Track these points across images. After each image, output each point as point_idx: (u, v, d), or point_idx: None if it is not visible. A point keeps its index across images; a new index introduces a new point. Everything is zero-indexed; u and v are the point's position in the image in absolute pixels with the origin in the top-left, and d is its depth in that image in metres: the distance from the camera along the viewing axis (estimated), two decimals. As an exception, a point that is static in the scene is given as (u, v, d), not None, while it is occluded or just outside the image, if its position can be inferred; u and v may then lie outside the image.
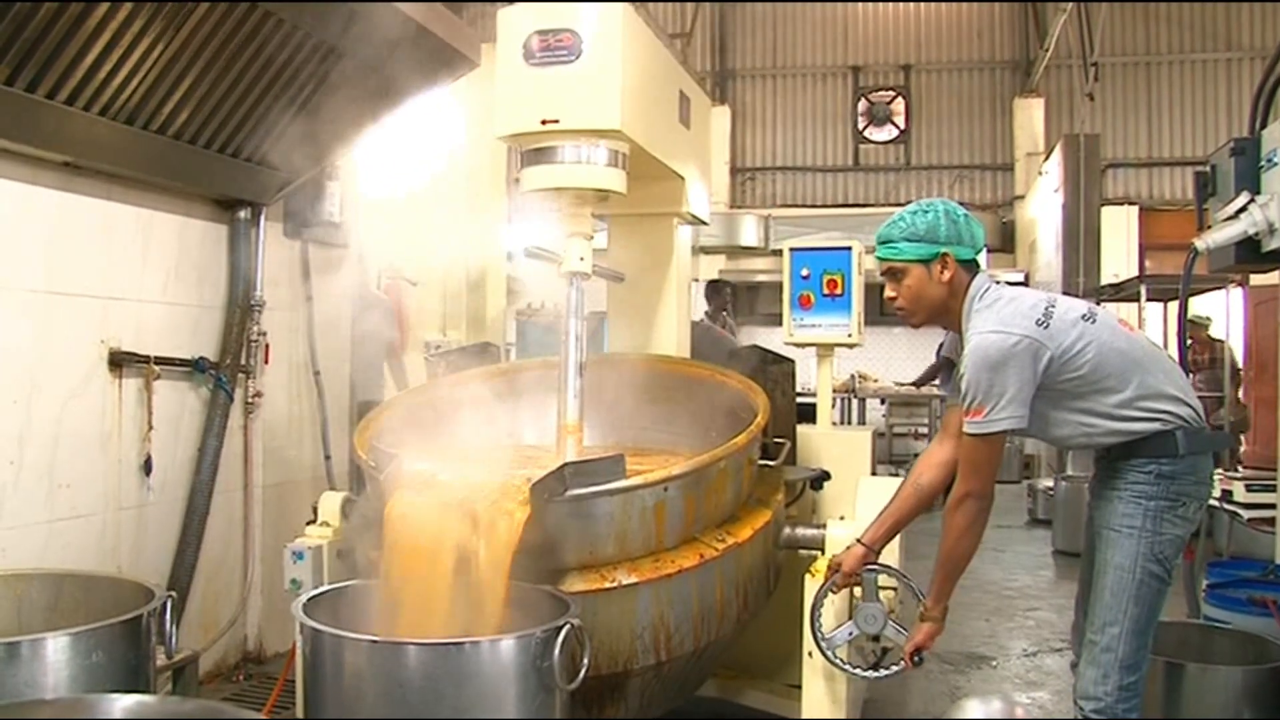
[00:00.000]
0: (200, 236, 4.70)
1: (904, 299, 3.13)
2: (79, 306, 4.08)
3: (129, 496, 4.31)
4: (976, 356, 2.90)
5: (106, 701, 1.81)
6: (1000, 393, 2.86)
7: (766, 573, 3.58)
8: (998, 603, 6.85)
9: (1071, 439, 3.07)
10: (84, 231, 4.09)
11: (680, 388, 3.97)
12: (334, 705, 2.62)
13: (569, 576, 3.07)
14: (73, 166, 3.98)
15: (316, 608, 2.84)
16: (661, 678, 3.29)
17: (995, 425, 2.88)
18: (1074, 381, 2.96)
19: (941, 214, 3.10)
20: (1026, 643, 5.91)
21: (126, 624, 2.74)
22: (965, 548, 3.04)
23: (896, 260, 3.10)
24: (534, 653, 2.56)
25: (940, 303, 3.09)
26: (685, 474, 3.15)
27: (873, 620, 3.30)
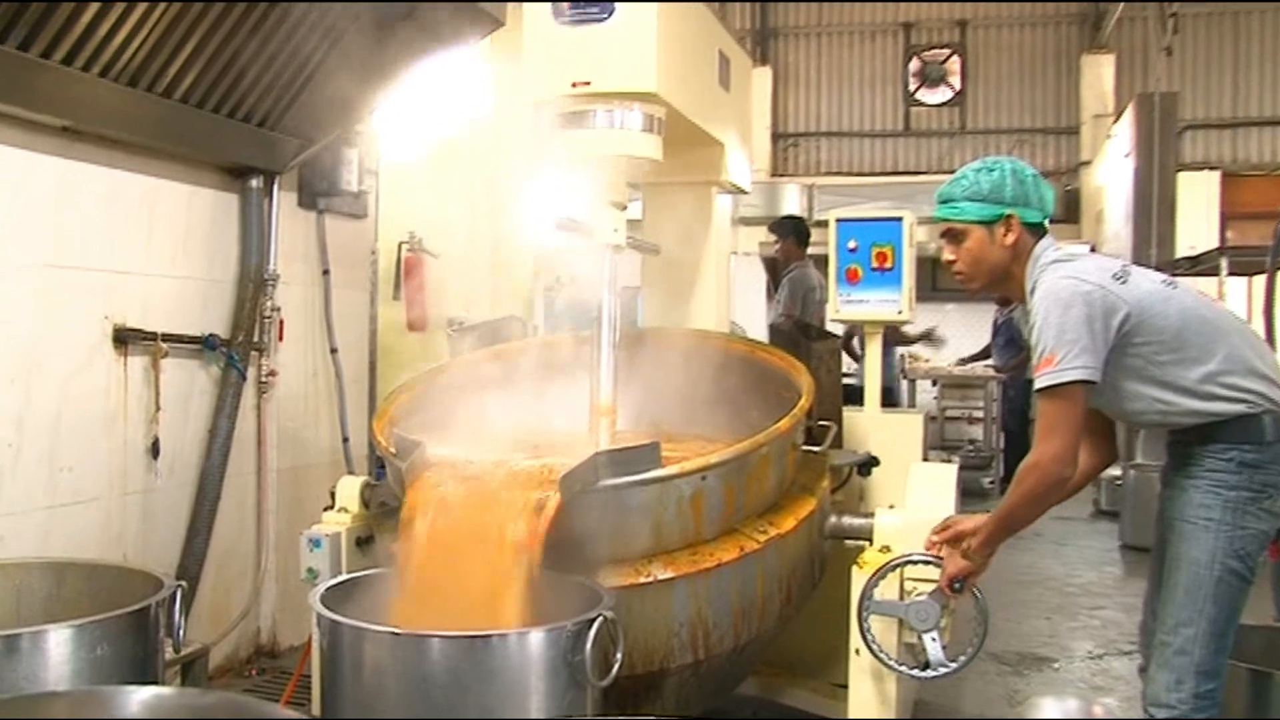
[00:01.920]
0: (210, 207, 4.73)
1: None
2: (81, 281, 4.11)
3: (135, 481, 4.36)
4: (1048, 301, 2.87)
5: (122, 695, 1.83)
6: (1074, 339, 2.82)
7: (811, 565, 3.59)
8: (1059, 600, 6.82)
9: (1145, 415, 3.02)
10: (86, 201, 4.12)
11: (719, 366, 3.97)
12: (353, 701, 2.64)
13: (602, 570, 3.07)
14: (72, 131, 4.00)
15: (334, 598, 2.86)
16: (699, 676, 3.30)
17: (1068, 374, 2.82)
18: (1152, 348, 2.90)
19: (1008, 173, 3.07)
20: (1091, 644, 5.88)
21: (133, 615, 2.74)
22: (1027, 515, 3.03)
23: (957, 221, 3.08)
24: (564, 646, 2.58)
25: (1002, 268, 3.07)
26: (725, 462, 3.16)
27: (923, 618, 3.28)
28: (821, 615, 3.69)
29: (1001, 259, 3.06)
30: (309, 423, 5.37)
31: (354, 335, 5.66)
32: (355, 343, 5.68)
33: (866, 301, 4.64)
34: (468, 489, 3.02)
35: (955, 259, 3.12)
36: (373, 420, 3.68)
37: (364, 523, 3.71)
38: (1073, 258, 3.03)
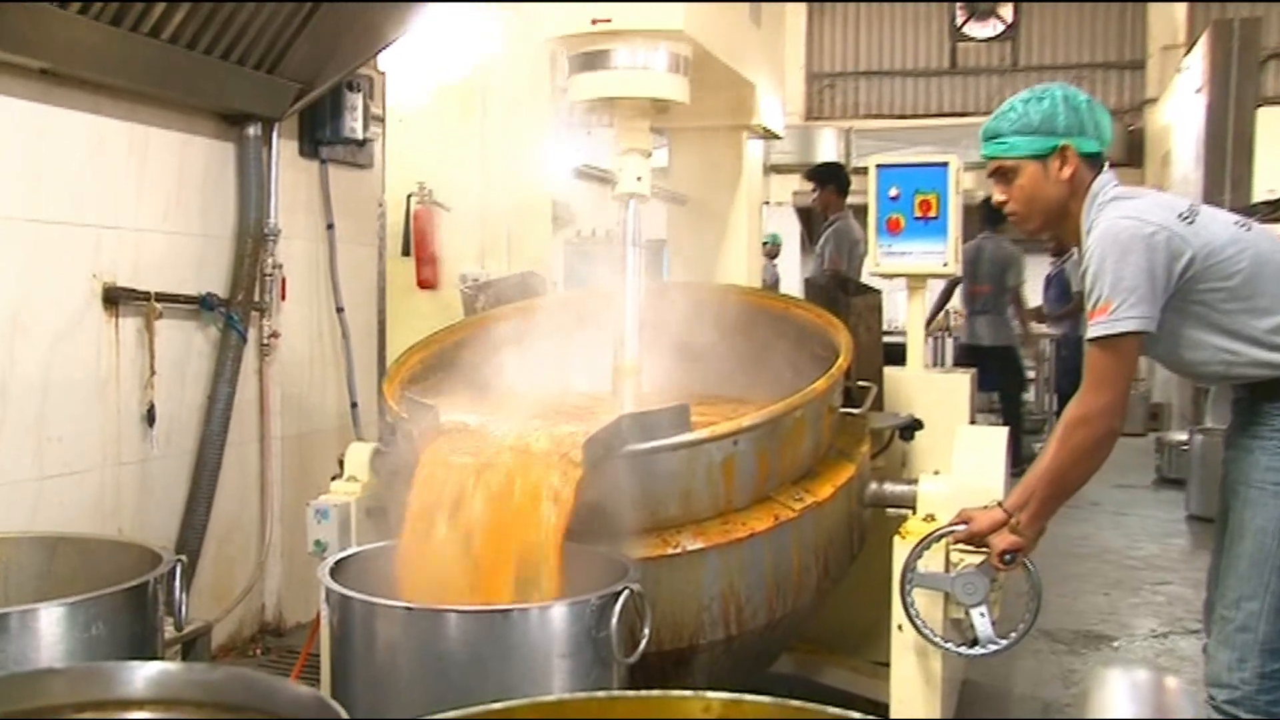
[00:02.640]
0: (204, 156, 4.75)
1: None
2: (66, 236, 4.12)
3: (130, 450, 4.40)
4: (1104, 243, 2.84)
5: (124, 670, 1.87)
6: (1131, 286, 2.80)
7: (850, 535, 3.61)
8: (1119, 574, 6.82)
9: (1207, 367, 2.98)
10: (69, 151, 4.12)
11: (751, 323, 3.99)
12: (364, 680, 2.67)
13: (628, 541, 3.10)
14: (52, 75, 4.00)
15: (344, 572, 2.89)
16: (731, 653, 3.34)
17: (1122, 324, 2.81)
18: (1219, 294, 2.88)
19: (1060, 100, 3.03)
20: (1155, 622, 5.87)
21: (130, 592, 2.75)
22: (1078, 474, 3.00)
23: (1007, 157, 3.05)
24: (589, 621, 2.60)
25: (1058, 205, 3.04)
26: (758, 425, 3.17)
27: (971, 592, 3.28)
28: (861, 589, 3.72)
29: (1058, 195, 3.03)
30: (314, 387, 5.42)
31: (361, 293, 5.70)
32: (363, 301, 5.71)
33: (909, 254, 4.63)
34: (485, 456, 3.04)
35: (1007, 199, 3.09)
36: (382, 383, 3.71)
37: (374, 492, 3.75)
38: (1135, 195, 2.99)
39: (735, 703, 1.21)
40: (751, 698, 1.21)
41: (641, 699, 1.21)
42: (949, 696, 3.73)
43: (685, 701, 1.22)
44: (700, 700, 1.22)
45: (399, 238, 5.70)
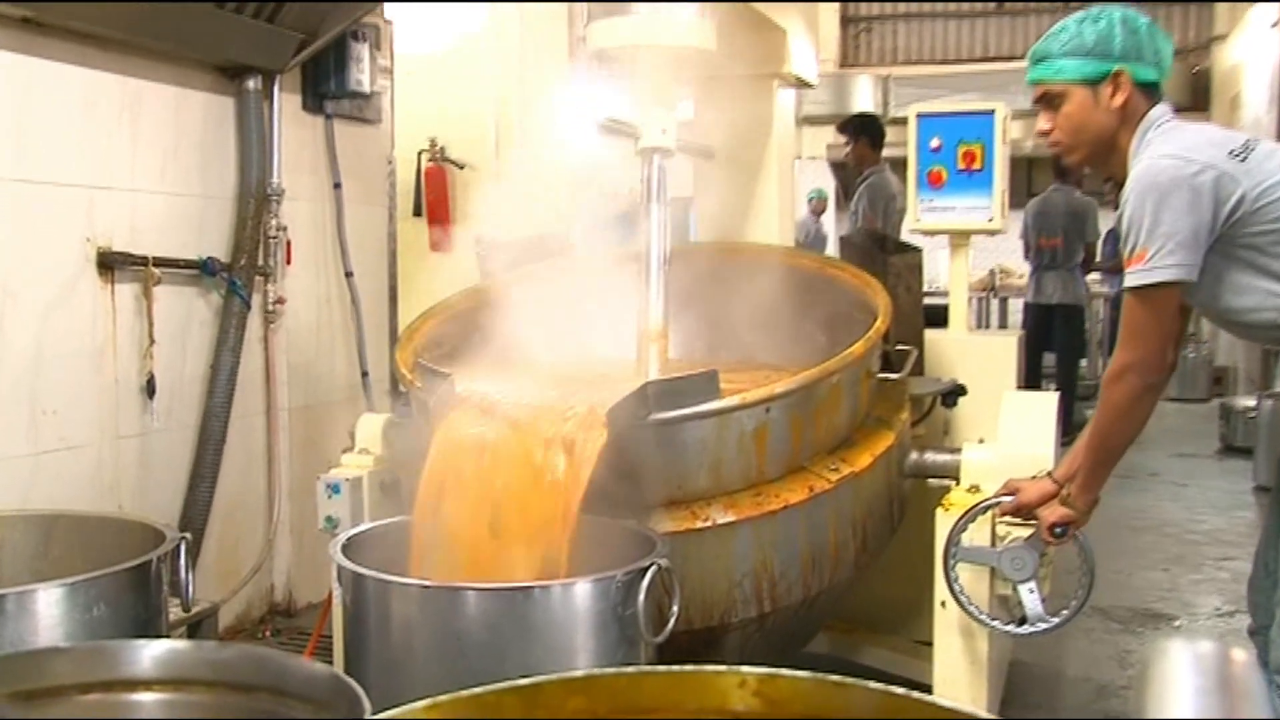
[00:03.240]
0: (201, 112, 4.77)
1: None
2: (57, 198, 4.14)
3: (129, 423, 4.45)
4: (1142, 184, 2.79)
5: (130, 649, 1.90)
6: (1170, 232, 2.75)
7: (889, 507, 3.62)
8: (1180, 549, 6.80)
9: (1254, 314, 2.92)
10: (56, 106, 4.13)
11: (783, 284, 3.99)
12: (379, 662, 2.70)
13: (654, 515, 3.13)
14: (35, 24, 4.00)
15: (357, 549, 2.91)
16: (764, 632, 3.36)
17: (1159, 273, 2.77)
18: (1270, 237, 2.82)
19: (1117, 22, 2.98)
20: (1219, 600, 5.84)
21: (133, 572, 2.76)
22: (1123, 432, 2.98)
23: (1054, 81, 3.00)
24: (614, 598, 2.62)
25: (1107, 136, 2.98)
26: (791, 392, 3.18)
27: (1019, 567, 3.29)
28: (902, 564, 3.73)
29: (1107, 125, 2.97)
30: (323, 355, 5.46)
31: (371, 257, 5.72)
32: (373, 265, 5.74)
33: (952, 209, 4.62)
34: (503, 426, 3.06)
35: (1052, 127, 3.04)
36: (394, 351, 3.73)
37: (387, 465, 3.79)
38: (1184, 129, 2.92)
39: (771, 678, 1.23)
40: (788, 672, 1.22)
41: (673, 674, 1.23)
42: (996, 678, 3.74)
43: (719, 677, 1.24)
44: (735, 675, 1.23)
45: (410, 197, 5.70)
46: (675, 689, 1.24)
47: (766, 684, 1.23)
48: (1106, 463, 3.06)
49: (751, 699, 1.23)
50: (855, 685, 1.22)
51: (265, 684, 1.84)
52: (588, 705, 1.23)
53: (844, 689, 1.22)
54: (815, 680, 1.22)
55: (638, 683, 1.23)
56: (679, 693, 1.24)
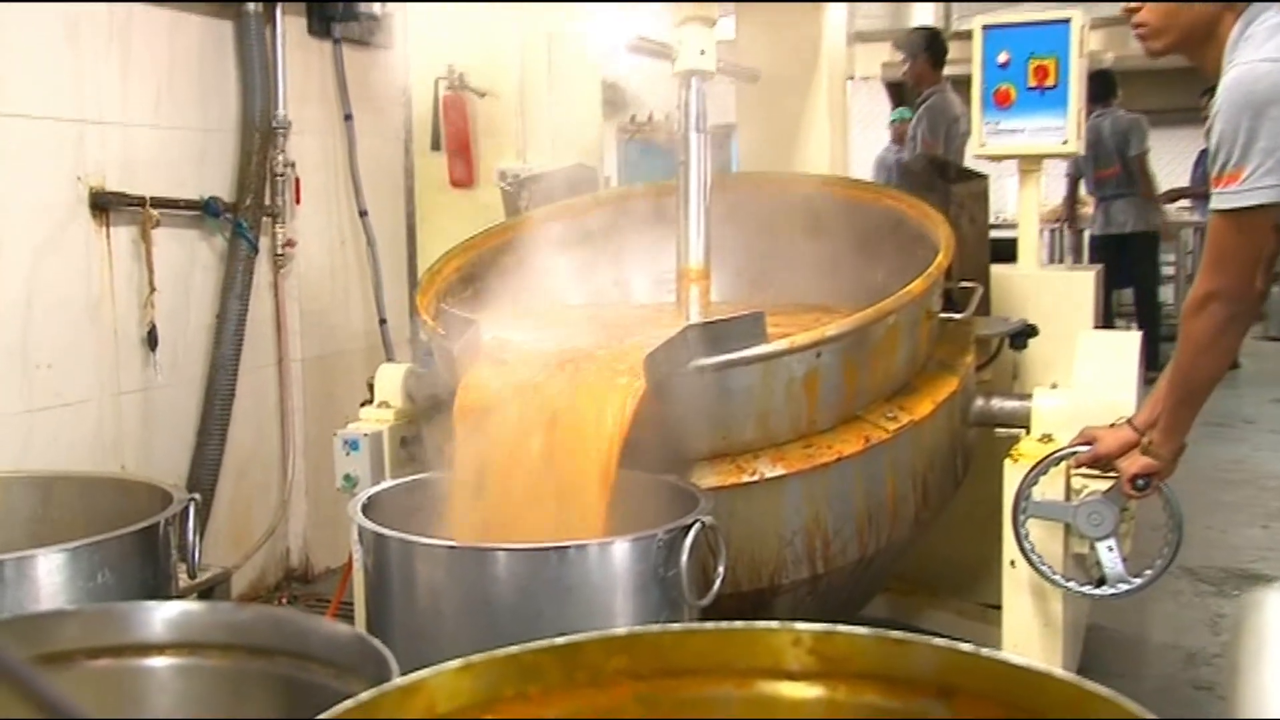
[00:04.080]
0: (198, 38, 4.76)
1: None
2: (42, 133, 4.11)
3: (130, 378, 4.48)
4: (1237, 93, 2.69)
5: (142, 611, 1.93)
6: (1269, 148, 2.66)
7: (953, 458, 3.63)
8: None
9: None
10: (37, 32, 4.10)
11: (835, 217, 3.99)
12: (403, 628, 2.73)
13: (697, 469, 3.16)
14: (5, -59, 3.97)
15: (378, 509, 2.94)
16: (817, 594, 3.39)
17: (1254, 195, 2.69)
18: None
19: None
20: (1325, 558, 5.79)
21: (138, 535, 2.78)
22: (1207, 368, 2.94)
23: None
24: (655, 559, 2.64)
25: (1201, 23, 2.86)
26: (844, 334, 3.18)
27: (1097, 523, 3.28)
28: (967, 520, 3.75)
29: (1206, 11, 2.85)
30: (337, 302, 5.49)
31: (387, 194, 5.73)
32: (389, 203, 5.74)
33: (1021, 131, 4.57)
34: (534, 375, 3.08)
35: (1139, 8, 2.94)
36: (415, 296, 3.76)
37: (409, 419, 3.82)
38: None
39: (828, 635, 1.24)
40: (846, 629, 1.24)
41: (722, 632, 1.24)
42: (1071, 644, 3.74)
43: (771, 634, 1.25)
44: (789, 633, 1.25)
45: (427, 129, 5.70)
46: (724, 648, 1.25)
47: (823, 642, 1.25)
48: (1190, 404, 3.03)
49: (806, 658, 1.24)
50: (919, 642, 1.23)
51: (285, 647, 1.87)
52: (630, 665, 1.24)
53: (907, 647, 1.23)
54: (875, 637, 1.24)
55: (684, 641, 1.25)
56: (728, 652, 1.25)
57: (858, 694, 1.24)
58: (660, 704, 1.24)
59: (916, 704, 1.22)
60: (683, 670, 1.24)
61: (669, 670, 1.24)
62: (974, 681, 1.20)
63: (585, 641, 1.24)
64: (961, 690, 1.20)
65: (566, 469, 2.94)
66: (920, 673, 1.22)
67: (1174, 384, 3.01)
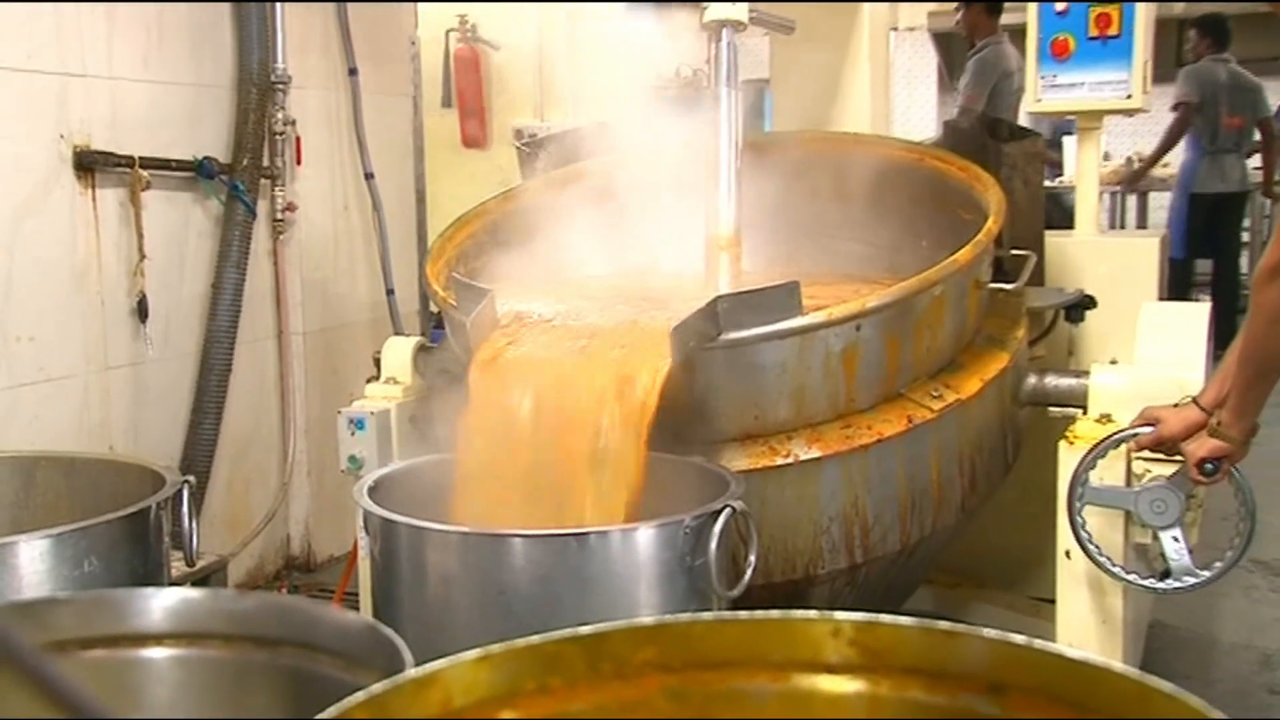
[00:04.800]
0: (190, -16, 4.75)
1: None
2: (21, 86, 4.10)
3: (119, 351, 4.49)
4: None
5: (139, 599, 1.93)
6: None
7: (1002, 440, 3.63)
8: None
9: None
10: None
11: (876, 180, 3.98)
12: (413, 620, 2.72)
13: (726, 450, 3.17)
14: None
15: (385, 492, 2.95)
16: (856, 586, 3.40)
17: None
18: None
19: None
20: None
21: (128, 521, 2.78)
22: (1275, 343, 2.90)
23: None
24: (682, 546, 2.64)
25: None
26: (885, 306, 3.18)
27: (1161, 511, 3.25)
28: (1017, 507, 3.76)
29: None
30: (342, 271, 5.50)
31: (395, 155, 5.75)
32: (397, 165, 5.76)
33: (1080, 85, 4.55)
34: (553, 350, 3.09)
35: None
36: (425, 264, 3.76)
37: (418, 396, 3.84)
38: None
39: (870, 625, 1.24)
40: (889, 619, 1.24)
41: (756, 621, 1.24)
42: (1132, 642, 3.73)
43: (810, 624, 1.25)
44: (828, 622, 1.25)
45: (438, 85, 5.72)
46: (759, 638, 1.25)
47: (864, 632, 1.25)
48: (1263, 381, 3.00)
49: (847, 649, 1.25)
50: (968, 634, 1.23)
51: (291, 637, 1.86)
52: (659, 656, 1.24)
53: (955, 639, 1.23)
54: (921, 628, 1.24)
55: (716, 631, 1.25)
56: (763, 643, 1.25)
57: (901, 689, 1.24)
58: (690, 698, 1.25)
59: (964, 700, 1.22)
60: (714, 662, 1.25)
61: (700, 662, 1.25)
62: (1027, 676, 1.20)
63: (611, 631, 1.24)
64: (1013, 686, 1.20)
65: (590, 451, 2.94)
66: (969, 667, 1.22)
67: (1244, 359, 2.99)
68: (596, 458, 2.94)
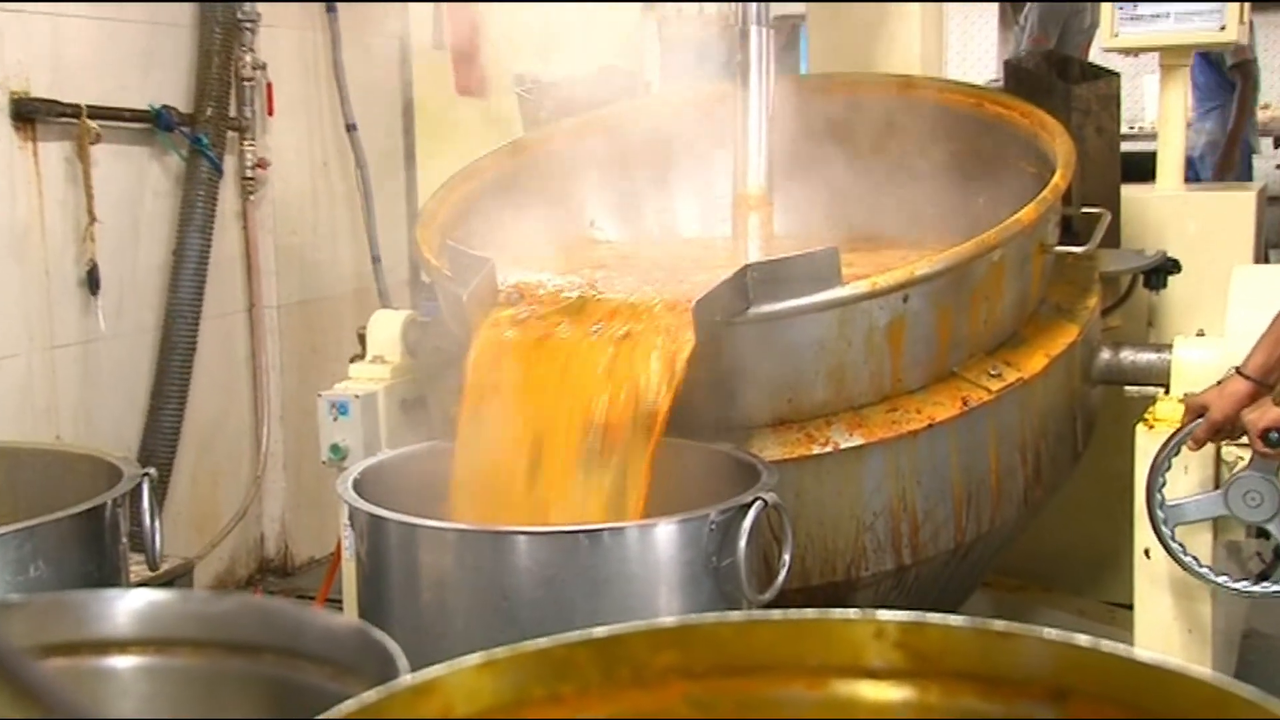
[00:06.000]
0: (139, -97, 4.75)
1: None
2: None
3: (66, 328, 4.49)
4: None
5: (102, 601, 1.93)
6: None
7: (1071, 424, 3.65)
8: None
9: None
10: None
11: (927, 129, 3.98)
12: (404, 626, 2.71)
13: (758, 437, 3.19)
14: None
15: (372, 486, 2.97)
16: (904, 589, 3.43)
17: None
18: None
19: None
20: None
21: (80, 519, 2.79)
22: None
23: None
24: (708, 545, 2.65)
25: None
26: (937, 274, 3.20)
27: (1255, 503, 3.24)
28: (1089, 499, 3.77)
29: None
30: (322, 236, 5.52)
31: (380, 104, 5.75)
32: (383, 115, 5.76)
33: (1164, 16, 4.53)
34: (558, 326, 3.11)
35: None
36: (415, 229, 3.77)
37: (409, 377, 3.87)
38: None
39: (917, 626, 1.24)
40: (938, 618, 1.24)
41: (791, 622, 1.25)
42: (1223, 653, 3.73)
43: (850, 625, 1.25)
44: (870, 623, 1.25)
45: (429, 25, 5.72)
46: (794, 641, 1.25)
47: (911, 634, 1.25)
48: None
49: (892, 652, 1.25)
50: (1026, 635, 1.22)
51: (271, 642, 1.87)
52: (682, 661, 1.24)
53: (1012, 641, 1.23)
54: (974, 628, 1.24)
55: (746, 633, 1.25)
56: (798, 645, 1.25)
57: (953, 696, 1.25)
58: (716, 707, 1.25)
59: (1022, 707, 1.22)
60: (744, 667, 1.25)
61: (727, 667, 1.25)
62: (1091, 681, 1.20)
63: (628, 634, 1.25)
64: (1076, 691, 1.21)
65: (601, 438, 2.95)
66: (1028, 671, 1.22)
67: None
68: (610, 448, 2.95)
